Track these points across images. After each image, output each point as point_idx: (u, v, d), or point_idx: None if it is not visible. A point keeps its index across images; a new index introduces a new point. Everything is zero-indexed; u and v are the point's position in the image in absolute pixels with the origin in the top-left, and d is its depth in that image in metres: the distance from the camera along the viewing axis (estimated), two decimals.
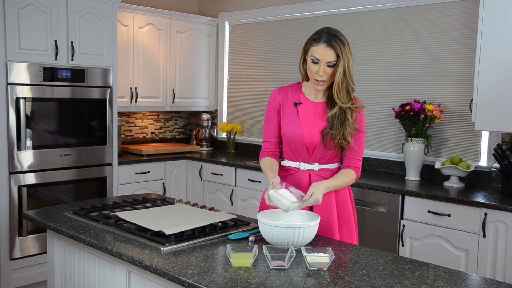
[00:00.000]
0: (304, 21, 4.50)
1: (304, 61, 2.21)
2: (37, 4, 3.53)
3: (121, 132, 4.51)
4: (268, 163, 2.26)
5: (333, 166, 2.27)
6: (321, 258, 1.70)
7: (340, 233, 2.27)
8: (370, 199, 3.41)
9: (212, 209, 2.38)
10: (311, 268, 1.69)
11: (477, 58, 3.18)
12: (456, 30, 3.61)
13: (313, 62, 2.12)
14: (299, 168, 2.27)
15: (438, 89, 3.71)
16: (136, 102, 4.56)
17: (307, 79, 2.25)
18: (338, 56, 2.09)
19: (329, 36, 2.10)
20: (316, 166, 2.24)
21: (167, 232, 1.92)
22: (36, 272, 3.67)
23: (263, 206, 2.33)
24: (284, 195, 1.99)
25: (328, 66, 2.10)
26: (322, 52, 2.09)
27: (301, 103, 2.25)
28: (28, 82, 3.54)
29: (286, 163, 2.32)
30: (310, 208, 2.24)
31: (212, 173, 4.48)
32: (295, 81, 2.37)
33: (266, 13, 4.80)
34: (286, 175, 2.30)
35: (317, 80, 2.14)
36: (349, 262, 1.79)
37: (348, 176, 2.22)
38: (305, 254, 1.71)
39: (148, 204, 2.53)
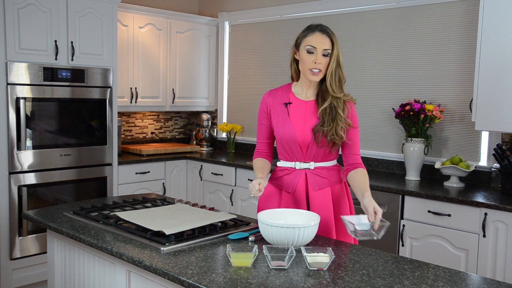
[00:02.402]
0: (304, 21, 4.49)
1: (294, 60, 2.27)
2: (37, 4, 3.53)
3: (121, 132, 4.51)
4: (258, 163, 2.33)
5: (329, 163, 2.28)
6: (321, 258, 1.70)
7: (337, 232, 2.27)
8: None
9: (212, 209, 2.38)
10: (311, 268, 1.69)
11: (477, 58, 3.18)
12: (456, 30, 3.61)
13: (308, 52, 2.16)
14: (295, 167, 2.28)
15: (438, 89, 3.71)
16: (136, 102, 4.56)
17: (297, 79, 2.29)
18: (332, 44, 2.16)
19: (321, 26, 2.20)
20: (311, 165, 2.25)
21: (167, 232, 1.92)
22: (36, 272, 3.67)
23: (261, 206, 2.34)
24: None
25: (323, 55, 2.15)
26: (318, 40, 2.15)
27: (291, 102, 2.27)
28: (28, 82, 3.54)
29: (282, 163, 2.33)
30: (308, 208, 2.25)
31: (212, 173, 4.48)
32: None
33: (266, 13, 4.80)
34: (282, 175, 2.31)
35: (312, 70, 2.16)
36: (349, 262, 1.79)
37: (366, 175, 2.22)
38: (305, 254, 1.71)
39: (148, 204, 2.53)
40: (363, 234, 1.73)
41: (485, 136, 3.54)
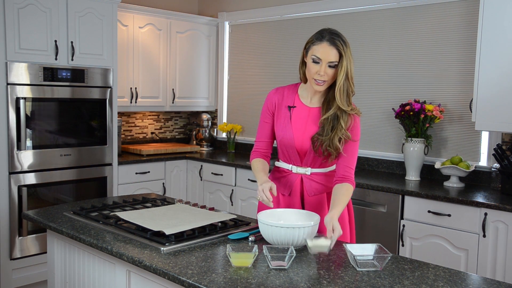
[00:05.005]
0: (304, 21, 4.50)
1: (303, 62, 2.16)
2: (37, 4, 3.53)
3: (121, 132, 4.51)
4: (259, 165, 2.23)
5: (326, 170, 2.25)
6: (322, 242, 1.75)
7: None
8: (370, 199, 3.41)
9: (212, 209, 2.38)
10: (312, 253, 1.73)
11: (477, 58, 3.18)
12: (456, 30, 3.61)
13: (314, 61, 2.06)
14: (291, 170, 2.26)
15: (438, 89, 3.71)
16: (136, 102, 4.56)
17: (305, 81, 2.20)
18: (340, 56, 2.04)
19: (332, 35, 2.05)
20: (308, 170, 2.23)
21: (167, 232, 1.92)
22: (36, 272, 3.67)
23: (262, 207, 2.33)
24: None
25: (329, 66, 2.05)
26: (324, 51, 2.03)
27: (295, 106, 2.22)
28: (28, 82, 3.54)
29: (280, 164, 2.32)
30: (303, 207, 2.25)
31: (212, 173, 4.48)
32: (295, 82, 2.35)
33: (266, 13, 4.80)
34: (279, 176, 2.30)
35: (316, 80, 2.08)
36: (349, 262, 1.79)
37: (348, 192, 2.11)
38: (306, 239, 1.76)
39: (148, 204, 2.53)
40: (363, 265, 1.73)
41: (485, 136, 3.53)
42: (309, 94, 2.21)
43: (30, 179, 3.61)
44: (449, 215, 3.06)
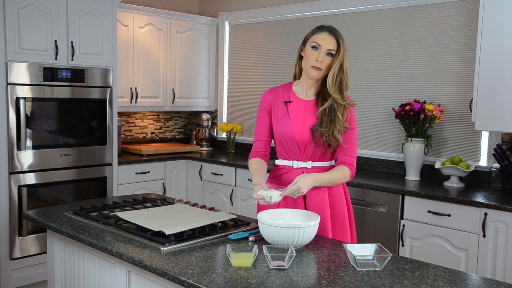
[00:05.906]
0: (304, 21, 4.50)
1: (300, 57, 2.27)
2: (37, 4, 3.53)
3: (121, 132, 4.51)
4: (255, 165, 2.28)
5: (326, 163, 2.28)
6: (268, 192, 1.97)
7: (333, 231, 2.27)
8: (370, 199, 3.41)
9: (212, 209, 2.38)
10: (261, 202, 2.02)
11: (477, 58, 3.18)
12: (456, 30, 3.61)
13: (313, 47, 2.18)
14: (292, 166, 2.28)
15: (438, 89, 3.71)
16: (136, 102, 4.56)
17: (299, 77, 2.30)
18: (338, 46, 2.16)
19: (330, 27, 2.22)
20: (309, 164, 2.25)
21: (167, 232, 1.92)
22: (36, 272, 3.67)
23: (261, 207, 2.34)
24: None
25: (327, 54, 2.16)
26: (324, 38, 2.17)
27: (291, 101, 2.27)
28: (28, 82, 3.54)
29: (280, 162, 2.33)
30: (305, 206, 2.25)
31: (212, 173, 4.48)
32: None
33: (266, 13, 4.81)
34: (280, 174, 2.31)
35: (313, 66, 2.17)
36: (349, 262, 1.79)
37: (341, 172, 2.21)
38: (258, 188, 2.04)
39: (148, 204, 2.53)
40: (363, 265, 1.73)
41: (485, 136, 3.54)
42: (304, 88, 2.28)
43: (30, 179, 3.61)
44: (449, 215, 3.06)
